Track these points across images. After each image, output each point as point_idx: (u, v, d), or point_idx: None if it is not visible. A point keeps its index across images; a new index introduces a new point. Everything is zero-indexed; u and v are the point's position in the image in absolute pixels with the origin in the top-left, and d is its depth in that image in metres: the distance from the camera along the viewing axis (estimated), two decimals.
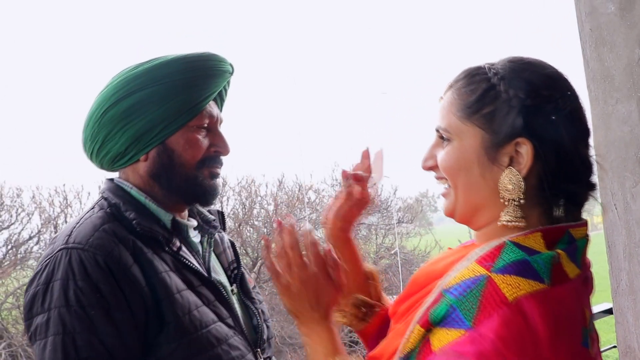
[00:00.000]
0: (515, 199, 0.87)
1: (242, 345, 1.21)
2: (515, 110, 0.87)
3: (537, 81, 0.88)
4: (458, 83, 0.93)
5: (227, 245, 1.42)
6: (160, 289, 1.12)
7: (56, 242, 1.15)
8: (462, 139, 0.90)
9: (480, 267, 0.83)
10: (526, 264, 0.81)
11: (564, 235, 0.87)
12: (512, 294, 0.78)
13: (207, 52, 1.28)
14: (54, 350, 1.04)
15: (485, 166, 0.89)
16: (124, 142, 1.21)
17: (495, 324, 0.77)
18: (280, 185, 11.55)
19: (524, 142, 0.86)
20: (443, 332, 0.81)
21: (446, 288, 0.85)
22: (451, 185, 0.93)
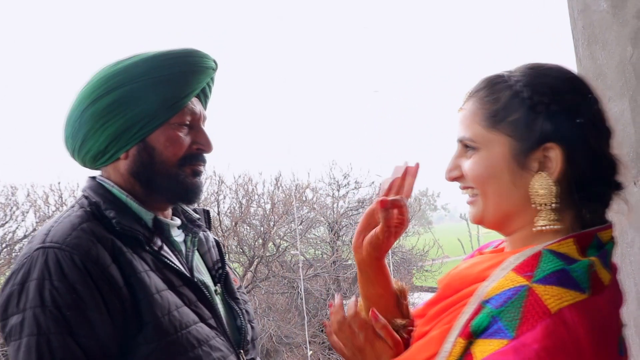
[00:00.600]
0: (548, 203, 0.88)
1: (224, 347, 1.19)
2: (541, 116, 0.88)
3: (559, 86, 0.90)
4: (479, 92, 0.94)
5: (212, 245, 1.40)
6: (139, 289, 1.10)
7: (34, 241, 1.12)
8: (489, 147, 0.92)
9: (520, 277, 0.84)
10: (566, 274, 0.82)
11: (594, 240, 0.88)
12: (555, 305, 0.79)
13: (189, 48, 1.26)
14: (28, 351, 1.01)
15: (515, 173, 0.90)
16: (104, 140, 1.19)
17: (538, 334, 0.77)
18: (277, 183, 11.57)
19: (553, 147, 0.88)
20: (485, 342, 0.82)
21: (486, 299, 0.85)
22: (480, 193, 0.94)
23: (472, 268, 0.96)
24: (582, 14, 1.72)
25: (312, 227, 11.90)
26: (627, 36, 1.60)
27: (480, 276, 0.91)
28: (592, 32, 1.69)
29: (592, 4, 1.69)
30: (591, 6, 1.69)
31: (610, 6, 1.64)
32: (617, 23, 1.63)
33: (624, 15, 1.61)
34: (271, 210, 10.78)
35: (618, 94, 1.62)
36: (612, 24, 1.64)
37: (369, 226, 1.08)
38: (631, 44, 1.60)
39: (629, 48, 1.60)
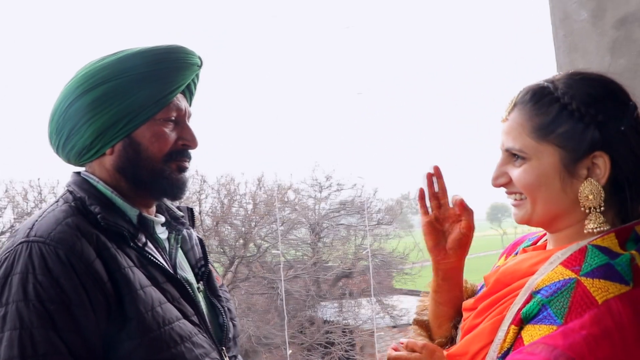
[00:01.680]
0: (597, 207, 0.94)
1: (206, 343, 1.19)
2: (589, 127, 0.94)
3: (604, 96, 0.96)
4: (526, 105, 0.99)
5: (196, 242, 1.40)
6: (123, 285, 1.10)
7: (17, 235, 1.12)
8: (539, 158, 0.97)
9: (568, 270, 0.91)
10: (611, 268, 0.88)
11: (632, 234, 0.94)
12: (602, 297, 0.85)
13: (174, 44, 1.27)
14: (10, 346, 1.01)
15: (565, 180, 0.96)
16: (89, 135, 1.18)
17: (587, 322, 0.84)
18: (260, 184, 11.55)
19: (601, 155, 0.94)
20: (535, 328, 0.89)
21: (535, 290, 0.93)
22: (529, 198, 1.00)
23: (521, 264, 1.03)
24: (563, 23, 1.76)
25: (293, 229, 11.91)
26: (605, 46, 1.65)
27: (529, 271, 0.98)
28: (573, 40, 1.73)
29: (573, 13, 1.73)
30: (572, 15, 1.73)
31: (590, 16, 1.68)
32: (597, 33, 1.67)
33: (603, 26, 1.65)
34: (253, 211, 10.77)
35: None
36: (591, 33, 1.68)
37: (439, 236, 1.19)
38: (609, 54, 1.64)
39: (607, 57, 1.64)
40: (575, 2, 1.72)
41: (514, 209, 1.05)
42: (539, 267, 0.97)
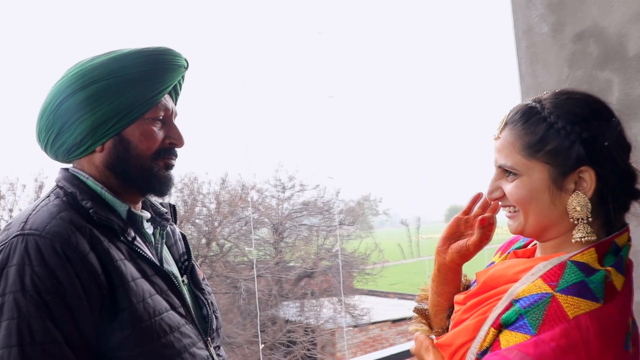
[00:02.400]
0: (584, 218, 1.01)
1: (193, 334, 1.23)
2: (575, 144, 1.00)
3: (588, 115, 1.02)
4: (516, 125, 1.06)
5: (179, 238, 1.44)
6: (116, 277, 1.13)
7: (10, 228, 1.14)
8: (530, 174, 1.04)
9: (546, 285, 0.97)
10: (585, 285, 0.95)
11: (612, 246, 1.01)
12: (573, 313, 0.93)
13: (162, 46, 1.30)
14: (8, 335, 1.03)
15: (554, 194, 1.03)
16: (80, 133, 1.21)
17: (556, 335, 0.92)
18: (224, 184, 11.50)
19: (587, 170, 1.00)
20: (511, 334, 0.97)
21: (515, 298, 1.00)
22: (522, 211, 1.07)
23: (507, 270, 1.10)
24: (525, 35, 1.88)
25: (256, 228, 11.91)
26: (564, 58, 1.77)
27: (514, 278, 1.05)
28: (534, 52, 1.85)
29: (535, 26, 1.85)
30: (534, 28, 1.85)
31: (551, 30, 1.80)
32: (557, 45, 1.79)
33: (562, 39, 1.78)
34: (216, 210, 10.72)
35: None
36: (552, 45, 1.80)
37: (454, 234, 1.26)
38: (567, 66, 1.76)
39: (566, 69, 1.77)
40: (537, 16, 1.84)
41: (508, 220, 1.12)
42: (522, 276, 1.03)
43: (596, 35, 1.69)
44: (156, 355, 1.15)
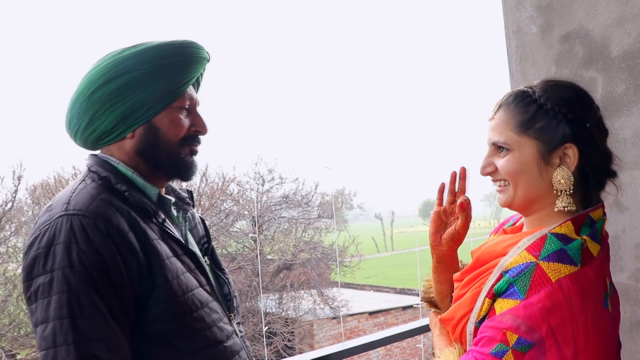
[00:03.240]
0: (567, 190, 1.14)
1: (219, 310, 1.31)
2: (561, 123, 1.13)
3: (573, 99, 1.16)
4: (510, 106, 1.19)
5: (198, 221, 1.51)
6: (153, 255, 1.20)
7: (53, 209, 1.20)
8: (521, 149, 1.16)
9: (530, 255, 1.10)
10: (564, 252, 1.08)
11: (586, 220, 1.14)
12: (555, 277, 1.05)
13: (187, 39, 1.37)
14: (60, 307, 1.09)
15: (541, 167, 1.15)
16: (112, 120, 1.27)
17: (542, 296, 1.04)
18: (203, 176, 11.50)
19: (571, 146, 1.13)
20: (504, 301, 1.09)
21: (505, 270, 1.12)
22: (512, 184, 1.19)
23: (497, 245, 1.23)
24: (515, 35, 2.01)
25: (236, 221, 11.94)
26: (552, 57, 1.90)
27: (502, 252, 1.18)
28: (524, 51, 1.98)
29: (525, 27, 1.98)
30: (524, 29, 1.98)
31: (540, 30, 1.93)
32: (545, 45, 1.92)
33: (550, 39, 1.91)
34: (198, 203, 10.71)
35: None
36: (540, 45, 1.93)
37: (440, 226, 1.38)
38: (555, 64, 1.89)
39: (553, 67, 1.90)
40: (527, 18, 1.97)
41: (498, 194, 1.24)
42: (509, 250, 1.16)
43: (582, 37, 1.82)
44: (189, 329, 1.22)
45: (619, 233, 1.72)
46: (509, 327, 1.05)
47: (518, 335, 1.03)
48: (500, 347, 1.05)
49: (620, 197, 1.71)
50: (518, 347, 1.03)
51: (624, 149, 1.70)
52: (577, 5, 1.82)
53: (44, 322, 1.12)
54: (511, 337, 1.04)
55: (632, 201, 1.69)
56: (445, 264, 1.40)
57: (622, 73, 1.71)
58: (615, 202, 1.73)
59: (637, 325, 1.69)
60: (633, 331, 1.70)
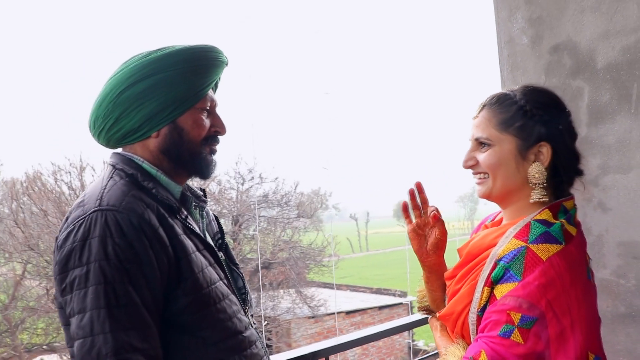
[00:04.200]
0: (540, 183, 1.26)
1: (237, 302, 1.38)
2: (538, 124, 1.26)
3: (549, 103, 1.30)
4: (492, 106, 1.31)
5: (212, 218, 1.57)
6: (180, 249, 1.26)
7: (85, 205, 1.24)
8: (501, 145, 1.28)
9: (520, 241, 1.21)
10: (549, 234, 1.20)
11: (561, 207, 1.26)
12: (545, 255, 1.16)
13: (209, 44, 1.43)
14: (97, 297, 1.14)
15: (518, 162, 1.27)
16: (138, 119, 1.32)
17: (537, 275, 1.14)
18: None
19: (545, 145, 1.26)
20: (503, 286, 1.18)
21: (498, 258, 1.22)
22: (491, 176, 1.30)
23: (485, 238, 1.34)
24: (507, 45, 2.12)
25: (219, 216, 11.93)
26: (541, 67, 2.02)
27: (491, 243, 1.29)
28: (515, 60, 2.10)
29: (516, 37, 2.09)
30: (515, 39, 2.10)
31: (530, 41, 2.05)
32: (535, 56, 2.04)
33: (540, 50, 2.03)
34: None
35: None
36: (530, 55, 2.05)
37: (421, 240, 1.49)
38: (544, 74, 2.01)
39: (543, 76, 2.02)
40: (518, 29, 2.09)
41: (478, 186, 1.35)
42: (498, 240, 1.27)
43: (570, 49, 1.94)
44: (212, 319, 1.28)
45: (602, 232, 1.85)
46: (511, 308, 1.14)
47: (521, 314, 1.12)
48: (506, 327, 1.14)
49: (604, 199, 1.84)
50: (523, 324, 1.12)
51: (608, 154, 1.83)
52: (565, 19, 1.95)
53: (80, 312, 1.16)
54: (515, 317, 1.13)
55: (614, 203, 1.82)
56: (436, 272, 1.51)
57: (607, 83, 1.84)
58: (599, 204, 1.86)
59: (618, 318, 1.82)
60: (614, 323, 1.83)
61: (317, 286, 14.35)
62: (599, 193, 1.86)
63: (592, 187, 1.87)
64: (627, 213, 1.79)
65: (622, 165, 1.81)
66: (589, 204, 1.88)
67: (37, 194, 10.18)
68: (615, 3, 1.82)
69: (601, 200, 1.86)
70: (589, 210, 1.88)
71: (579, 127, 1.89)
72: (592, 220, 1.87)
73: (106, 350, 1.13)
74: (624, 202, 1.80)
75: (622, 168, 1.80)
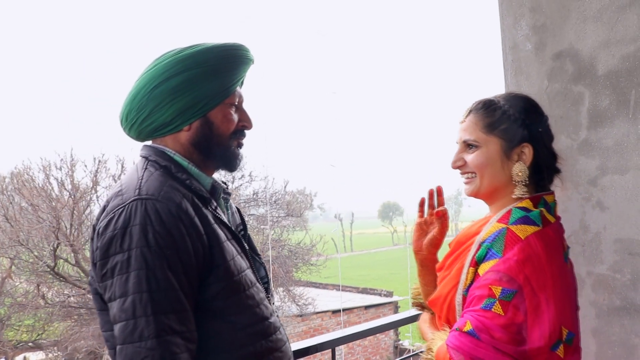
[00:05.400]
0: (523, 181, 1.38)
1: (262, 290, 1.44)
2: (520, 127, 1.38)
3: (530, 108, 1.43)
4: (479, 111, 1.42)
5: (235, 210, 1.63)
6: (213, 238, 1.32)
7: (124, 194, 1.29)
8: (487, 146, 1.40)
9: (501, 223, 1.33)
10: (527, 217, 1.31)
11: (541, 200, 1.37)
12: (523, 235, 1.27)
13: (237, 42, 1.49)
14: (138, 282, 1.20)
15: (503, 162, 1.39)
16: (171, 113, 1.38)
17: (516, 251, 1.24)
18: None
19: (527, 146, 1.38)
20: (485, 264, 1.28)
21: (482, 240, 1.34)
22: (478, 175, 1.41)
23: (471, 228, 1.45)
24: (512, 50, 2.22)
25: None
26: (544, 72, 2.12)
27: (477, 231, 1.40)
28: (519, 65, 2.20)
29: (520, 43, 2.19)
30: (519, 45, 2.20)
31: (534, 48, 2.15)
32: (538, 61, 2.14)
33: (543, 56, 2.13)
34: None
35: None
36: (534, 61, 2.15)
37: (421, 235, 1.64)
38: (547, 79, 2.11)
39: (545, 81, 2.12)
40: (522, 36, 2.19)
41: (465, 185, 1.46)
42: (482, 228, 1.39)
43: (572, 56, 2.04)
44: (243, 305, 1.34)
45: (600, 230, 1.96)
46: (492, 282, 1.24)
47: (502, 287, 1.22)
48: (488, 300, 1.23)
49: (603, 198, 1.95)
50: (503, 296, 1.22)
51: (607, 156, 1.94)
52: (568, 28, 2.05)
53: (122, 296, 1.21)
54: (496, 290, 1.23)
55: (612, 202, 1.93)
56: (427, 266, 1.63)
57: (607, 89, 1.95)
58: (597, 203, 1.97)
59: (613, 311, 1.92)
60: (610, 316, 1.94)
61: (304, 285, 14.42)
62: (597, 192, 1.97)
63: (591, 186, 1.97)
64: (623, 212, 1.90)
65: (619, 166, 1.91)
66: (588, 202, 1.98)
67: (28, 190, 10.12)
68: (616, 14, 1.92)
69: (600, 199, 1.96)
70: (588, 209, 1.98)
71: (580, 130, 2.00)
72: (590, 218, 1.98)
73: (148, 332, 1.18)
74: (621, 201, 1.90)
75: (620, 169, 1.91)
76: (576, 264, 1.99)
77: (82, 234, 10.80)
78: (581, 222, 1.99)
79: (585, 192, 1.98)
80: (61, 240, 10.31)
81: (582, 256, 1.99)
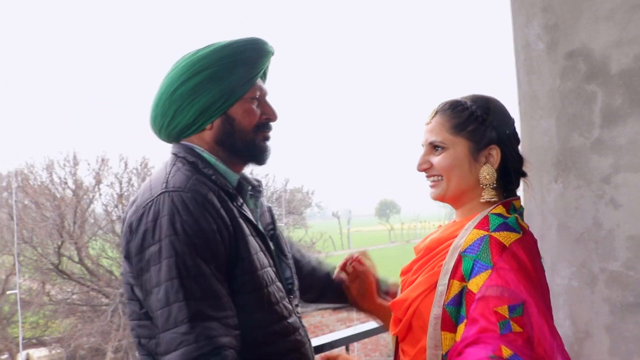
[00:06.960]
0: (491, 184, 1.36)
1: (282, 289, 1.46)
2: (488, 128, 1.36)
3: (497, 110, 1.40)
4: (446, 111, 1.40)
5: (266, 209, 1.65)
6: (238, 231, 1.35)
7: (153, 189, 1.33)
8: (454, 147, 1.37)
9: (482, 230, 1.28)
10: (506, 224, 1.28)
11: (511, 205, 1.36)
12: (507, 242, 1.24)
13: (254, 36, 1.51)
14: (169, 270, 1.23)
15: (471, 164, 1.37)
16: (193, 114, 1.41)
17: (506, 259, 1.22)
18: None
19: (495, 148, 1.37)
20: (477, 278, 1.22)
21: (462, 250, 1.27)
22: (445, 178, 1.38)
23: (443, 233, 1.41)
24: (524, 49, 2.24)
25: None
26: (557, 71, 2.14)
27: (451, 236, 1.36)
28: (531, 64, 2.22)
29: (532, 43, 2.21)
30: (531, 44, 2.22)
31: (546, 47, 2.17)
32: (550, 60, 2.16)
33: (555, 55, 2.15)
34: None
35: (547, 113, 2.15)
36: (546, 60, 2.17)
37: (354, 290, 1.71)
38: (559, 78, 2.14)
39: (557, 81, 2.14)
40: (535, 35, 2.21)
41: (431, 189, 1.43)
42: (458, 233, 1.34)
43: (584, 55, 2.06)
44: (263, 301, 1.37)
45: (613, 227, 1.98)
46: (495, 303, 1.16)
47: (507, 305, 1.16)
48: (502, 324, 1.14)
49: (616, 196, 1.97)
50: (513, 313, 1.16)
51: (620, 154, 1.96)
52: (580, 27, 2.07)
53: (157, 285, 1.24)
54: (502, 310, 1.15)
55: (625, 199, 1.95)
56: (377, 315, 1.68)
57: (620, 88, 1.97)
58: (611, 200, 1.99)
59: (627, 307, 1.95)
60: (623, 312, 1.96)
61: None
62: (610, 190, 1.99)
63: (605, 184, 1.99)
64: (636, 209, 1.92)
65: (632, 164, 1.93)
66: (601, 200, 2.01)
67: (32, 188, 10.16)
68: (628, 14, 1.94)
69: (613, 197, 1.99)
70: (601, 207, 2.01)
71: (593, 128, 2.03)
72: (604, 215, 2.00)
73: (182, 317, 1.21)
74: (634, 199, 1.93)
75: (633, 167, 1.93)
76: (589, 260, 2.02)
77: (85, 232, 10.84)
78: (594, 219, 2.02)
79: (598, 190, 2.01)
80: (65, 238, 10.35)
81: (595, 253, 2.02)
